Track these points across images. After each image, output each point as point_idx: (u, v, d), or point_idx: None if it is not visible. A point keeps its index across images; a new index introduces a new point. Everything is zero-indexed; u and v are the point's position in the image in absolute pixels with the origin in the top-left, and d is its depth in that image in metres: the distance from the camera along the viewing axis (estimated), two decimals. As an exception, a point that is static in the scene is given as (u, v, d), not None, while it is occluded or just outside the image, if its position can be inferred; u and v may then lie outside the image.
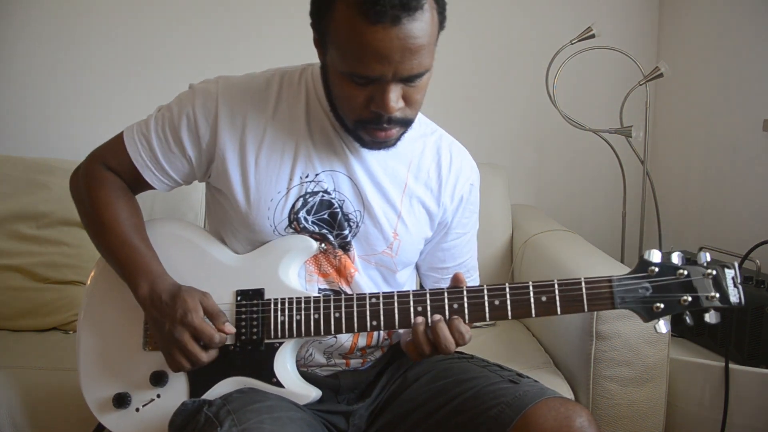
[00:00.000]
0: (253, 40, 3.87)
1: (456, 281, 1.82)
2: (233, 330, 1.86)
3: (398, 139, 1.85)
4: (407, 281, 2.14)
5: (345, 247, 1.96)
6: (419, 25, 1.61)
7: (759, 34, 3.35)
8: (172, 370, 1.86)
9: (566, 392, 2.57)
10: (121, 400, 1.90)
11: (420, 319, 1.78)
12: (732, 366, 2.65)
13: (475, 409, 1.85)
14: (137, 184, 2.01)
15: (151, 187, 2.02)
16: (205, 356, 1.83)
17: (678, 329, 3.01)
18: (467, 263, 2.19)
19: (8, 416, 2.46)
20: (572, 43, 3.49)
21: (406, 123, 1.81)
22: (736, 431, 2.64)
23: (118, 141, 1.99)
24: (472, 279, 2.21)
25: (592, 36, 3.43)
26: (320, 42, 1.76)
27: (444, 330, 1.75)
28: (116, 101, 3.79)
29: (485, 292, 1.78)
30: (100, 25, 3.77)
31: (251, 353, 1.87)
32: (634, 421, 2.57)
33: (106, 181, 1.99)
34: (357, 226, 1.96)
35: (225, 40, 3.87)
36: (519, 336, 3.14)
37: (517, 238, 3.54)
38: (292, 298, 1.86)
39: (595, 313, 2.49)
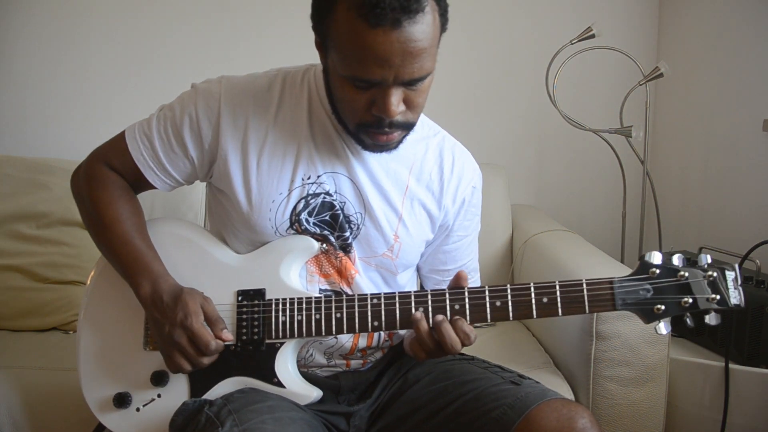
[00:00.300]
0: (253, 40, 3.87)
1: (458, 279, 1.82)
2: (230, 337, 1.85)
3: (400, 142, 1.85)
4: (408, 283, 2.13)
5: (346, 248, 1.96)
6: (420, 28, 1.60)
7: (759, 34, 3.35)
8: (171, 371, 1.87)
9: (566, 392, 2.58)
10: (121, 400, 1.90)
11: (419, 314, 1.77)
12: (732, 366, 2.64)
13: (476, 410, 1.84)
14: (139, 183, 2.01)
15: (153, 187, 2.01)
16: (206, 359, 1.83)
17: (678, 329, 3.01)
18: (468, 265, 2.18)
19: (8, 416, 2.47)
20: (572, 43, 3.49)
21: (407, 126, 1.80)
22: (736, 431, 2.64)
23: (119, 140, 1.98)
24: (474, 280, 2.19)
25: (592, 36, 3.43)
26: (321, 44, 1.76)
27: (449, 330, 1.74)
28: (116, 101, 3.79)
29: (487, 293, 1.78)
30: (100, 25, 3.78)
31: (252, 353, 1.87)
32: (634, 421, 2.57)
33: (108, 180, 1.99)
34: (358, 228, 1.95)
35: (225, 40, 3.87)
36: (519, 336, 3.14)
37: (517, 238, 3.54)
38: (293, 299, 1.86)
39: (596, 313, 2.46)
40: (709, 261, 1.74)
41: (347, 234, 1.95)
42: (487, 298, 1.78)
